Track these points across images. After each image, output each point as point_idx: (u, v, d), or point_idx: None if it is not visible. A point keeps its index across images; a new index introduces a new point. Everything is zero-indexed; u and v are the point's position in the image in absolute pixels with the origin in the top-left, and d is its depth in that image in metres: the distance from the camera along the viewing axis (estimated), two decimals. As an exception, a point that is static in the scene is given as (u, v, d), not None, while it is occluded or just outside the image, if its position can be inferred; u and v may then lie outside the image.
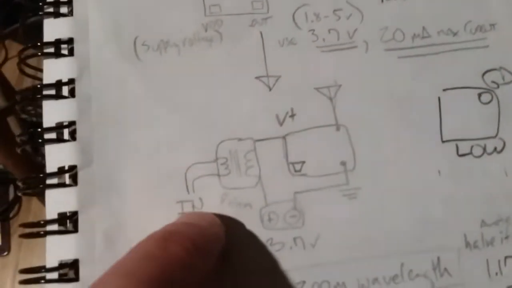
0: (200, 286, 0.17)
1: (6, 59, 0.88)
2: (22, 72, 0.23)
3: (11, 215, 0.79)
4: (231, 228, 0.21)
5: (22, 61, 0.23)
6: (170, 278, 0.16)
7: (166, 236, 0.17)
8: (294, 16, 0.24)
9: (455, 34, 0.23)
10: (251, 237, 0.21)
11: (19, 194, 0.21)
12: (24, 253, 0.75)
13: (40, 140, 0.21)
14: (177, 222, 0.19)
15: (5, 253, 0.76)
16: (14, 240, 0.77)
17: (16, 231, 0.79)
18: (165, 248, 0.17)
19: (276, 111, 0.22)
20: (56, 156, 0.21)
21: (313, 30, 0.23)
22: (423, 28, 0.23)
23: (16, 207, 0.78)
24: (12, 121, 0.58)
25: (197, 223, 0.19)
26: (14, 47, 0.84)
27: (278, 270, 0.21)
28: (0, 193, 0.79)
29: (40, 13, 0.23)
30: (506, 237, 0.21)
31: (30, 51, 0.23)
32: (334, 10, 0.24)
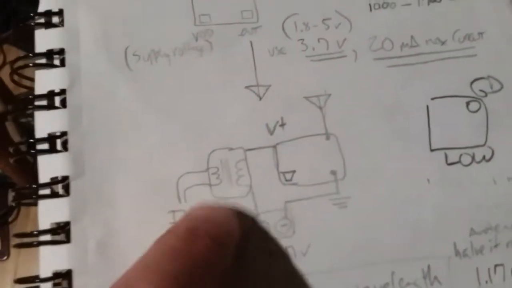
0: (218, 282, 0.18)
1: (4, 63, 0.89)
2: (15, 82, 0.23)
3: (10, 219, 0.79)
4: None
5: (14, 72, 0.23)
6: (195, 273, 0.16)
7: (190, 232, 0.18)
8: (283, 25, 0.24)
9: (443, 43, 0.24)
10: None
11: (13, 204, 0.21)
12: (24, 258, 0.75)
13: (32, 151, 0.21)
14: (196, 215, 0.19)
15: (5, 258, 0.76)
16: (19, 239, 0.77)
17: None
18: (191, 243, 0.17)
19: (267, 120, 0.22)
20: (48, 167, 0.21)
21: (303, 39, 0.23)
22: (412, 37, 0.24)
23: (15, 212, 0.79)
24: (10, 126, 0.58)
25: (214, 216, 0.19)
26: (12, 51, 0.84)
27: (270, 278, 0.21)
28: (-1, 197, 0.79)
29: (31, 23, 0.23)
30: (496, 246, 0.21)
31: (22, 62, 0.23)
32: (323, 20, 0.24)
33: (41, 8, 0.23)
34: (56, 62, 0.23)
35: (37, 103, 0.22)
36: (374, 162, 0.22)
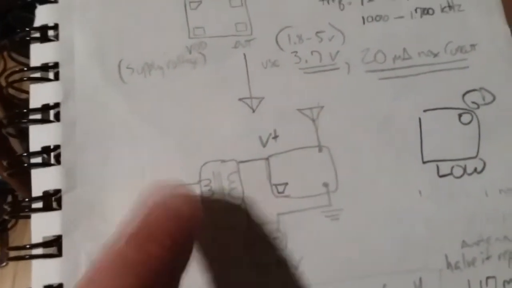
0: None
1: (4, 70, 0.89)
2: (9, 96, 0.23)
3: (9, 225, 0.79)
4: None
5: (9, 85, 0.23)
6: (153, 282, 0.15)
7: (146, 236, 0.16)
8: (277, 38, 0.24)
9: (435, 55, 0.24)
10: (235, 260, 0.21)
11: (6, 217, 0.22)
12: (23, 264, 0.75)
13: (25, 164, 0.21)
14: (157, 205, 0.17)
15: (4, 264, 0.76)
16: (12, 251, 0.77)
17: (14, 241, 0.80)
18: (144, 252, 0.15)
19: (259, 132, 0.22)
20: (41, 180, 0.21)
21: (296, 52, 0.24)
22: (404, 49, 0.24)
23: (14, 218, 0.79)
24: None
25: (178, 208, 0.17)
26: (13, 57, 0.85)
27: None
28: (-2, 203, 0.79)
29: (27, 38, 0.23)
30: (487, 258, 0.21)
31: (18, 75, 0.23)
32: (317, 32, 0.24)
33: (37, 23, 0.23)
34: (51, 75, 0.23)
35: (31, 117, 0.22)
36: (366, 174, 0.22)
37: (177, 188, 0.19)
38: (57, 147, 0.22)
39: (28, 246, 0.20)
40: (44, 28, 0.23)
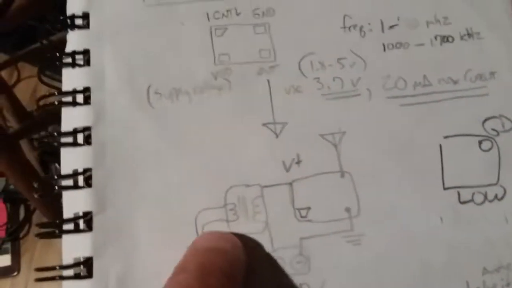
0: None
1: (18, 80, 0.91)
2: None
3: (21, 235, 0.80)
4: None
5: (40, 109, 0.24)
6: None
7: (202, 269, 0.18)
8: (300, 64, 0.25)
9: (455, 82, 0.24)
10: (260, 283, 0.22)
11: (37, 237, 0.22)
12: (34, 274, 0.76)
13: (56, 187, 0.22)
14: (204, 248, 0.20)
15: (15, 273, 0.77)
16: (24, 261, 0.78)
17: (26, 251, 0.81)
18: (204, 281, 0.18)
19: (283, 157, 0.23)
20: (72, 202, 0.22)
21: (318, 78, 0.24)
22: (424, 76, 0.24)
23: (26, 227, 0.80)
24: (24, 143, 0.59)
25: (222, 247, 0.20)
26: (26, 69, 0.86)
27: None
28: (11, 212, 0.81)
29: (57, 63, 0.24)
30: (508, 284, 0.22)
31: (49, 98, 0.24)
32: (338, 59, 0.25)
33: (68, 48, 0.24)
34: (80, 99, 0.23)
35: (63, 140, 0.23)
36: (387, 200, 0.22)
37: (218, 232, 0.22)
38: (87, 170, 0.22)
39: (58, 267, 0.21)
40: (74, 54, 0.24)
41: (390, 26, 0.25)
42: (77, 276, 0.21)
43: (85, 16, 0.25)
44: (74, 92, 0.23)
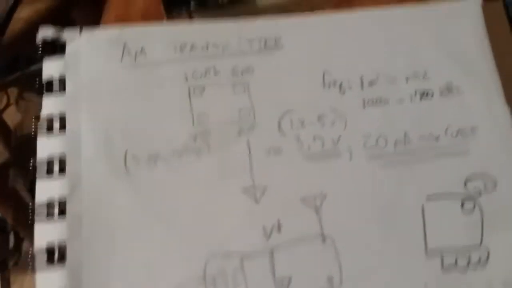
0: None
1: (7, 105, 0.90)
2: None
3: (10, 265, 0.79)
4: None
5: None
6: None
7: None
8: (280, 122, 0.24)
9: (436, 138, 0.24)
10: None
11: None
12: (24, 303, 0.74)
13: (30, 267, 0.21)
14: None
15: (4, 304, 0.75)
16: (14, 291, 0.76)
17: (15, 281, 0.79)
18: None
19: (264, 223, 0.23)
20: (46, 281, 0.21)
21: (298, 137, 0.24)
22: (405, 133, 0.24)
23: (15, 257, 0.78)
24: (13, 172, 0.58)
25: None
26: (15, 93, 0.86)
27: None
28: (0, 241, 0.79)
29: (32, 130, 0.23)
30: None
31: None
32: (319, 116, 0.24)
33: (43, 112, 0.24)
34: (56, 168, 0.23)
35: (37, 213, 0.22)
36: (370, 266, 0.22)
37: None
38: (62, 246, 0.22)
39: None
40: (50, 121, 0.23)
41: (370, 82, 0.25)
42: None
43: (61, 80, 0.24)
44: (49, 162, 0.23)
